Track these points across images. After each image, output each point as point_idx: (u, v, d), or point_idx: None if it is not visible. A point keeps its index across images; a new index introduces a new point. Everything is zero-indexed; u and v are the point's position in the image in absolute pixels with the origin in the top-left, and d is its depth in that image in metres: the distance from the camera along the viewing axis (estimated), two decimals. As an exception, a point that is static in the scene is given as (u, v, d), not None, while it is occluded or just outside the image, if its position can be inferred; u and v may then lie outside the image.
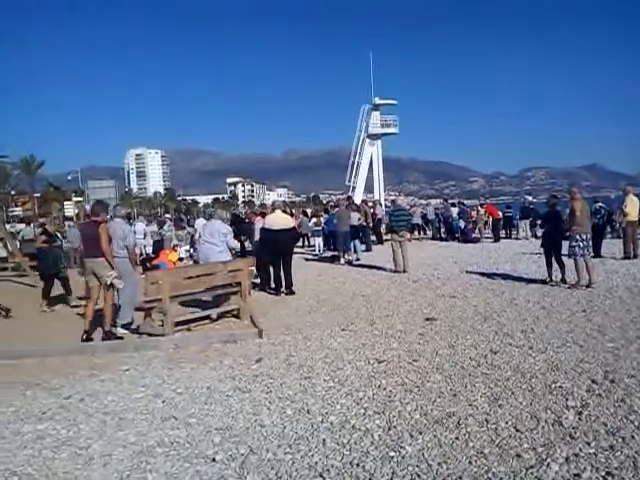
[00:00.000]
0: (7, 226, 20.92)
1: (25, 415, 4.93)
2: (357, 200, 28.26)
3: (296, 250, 14.46)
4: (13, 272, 16.97)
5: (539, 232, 18.76)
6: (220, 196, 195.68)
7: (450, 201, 27.73)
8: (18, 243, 17.88)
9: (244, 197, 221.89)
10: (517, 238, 22.64)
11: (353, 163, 41.90)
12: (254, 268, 9.02)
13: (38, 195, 72.26)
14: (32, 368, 6.54)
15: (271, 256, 11.04)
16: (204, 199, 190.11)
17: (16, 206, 66.15)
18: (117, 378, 5.95)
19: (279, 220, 11.01)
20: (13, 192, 65.60)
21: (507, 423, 4.20)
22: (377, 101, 42.08)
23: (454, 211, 23.70)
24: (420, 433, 4.10)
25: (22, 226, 25.52)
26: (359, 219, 18.07)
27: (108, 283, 7.50)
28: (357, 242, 17.32)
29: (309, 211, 31.45)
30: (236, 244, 9.26)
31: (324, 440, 4.07)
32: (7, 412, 5.02)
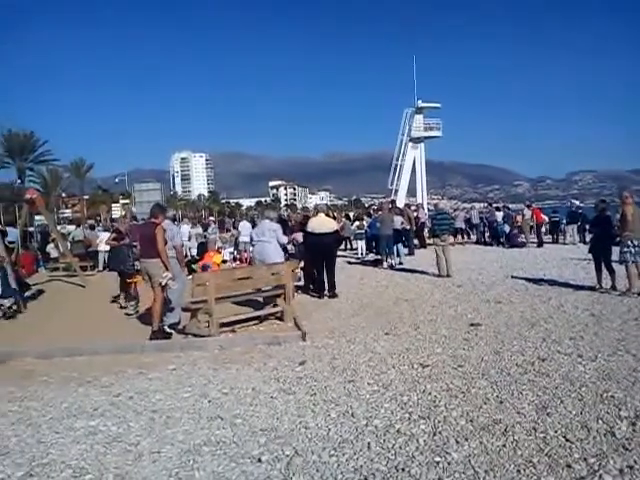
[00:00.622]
0: (58, 227, 21.60)
1: (77, 411, 5.08)
2: (400, 204, 28.13)
3: (338, 253, 14.47)
4: (64, 272, 17.49)
5: (588, 237, 18.30)
6: (263, 199, 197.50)
7: (495, 205, 27.28)
8: (69, 244, 18.40)
9: (286, 200, 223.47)
10: (564, 243, 22.14)
11: (395, 166, 41.76)
12: (298, 271, 9.07)
13: (87, 197, 74.48)
14: (83, 365, 6.73)
15: (314, 259, 11.09)
16: (247, 202, 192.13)
17: (66, 208, 68.27)
18: (164, 377, 6.08)
19: (322, 223, 11.04)
20: (64, 194, 67.62)
21: (556, 432, 4.12)
22: (420, 104, 41.85)
23: (499, 215, 23.32)
24: (466, 439, 4.05)
25: (72, 227, 26.27)
26: (402, 223, 17.97)
27: (162, 284, 7.68)
28: (400, 246, 17.22)
29: (351, 214, 31.46)
30: (286, 239, 9.38)
31: (369, 444, 4.07)
32: (61, 408, 5.18)
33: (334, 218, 15.97)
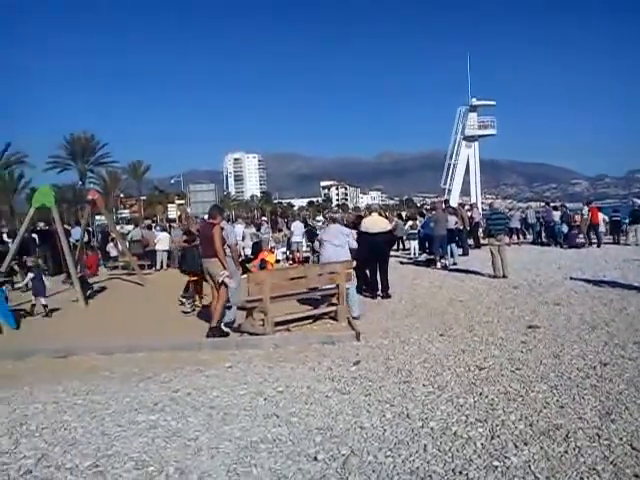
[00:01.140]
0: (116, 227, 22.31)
1: (139, 405, 5.24)
2: (453, 203, 27.75)
3: (391, 253, 14.38)
4: (123, 270, 18.04)
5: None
6: (314, 199, 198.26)
7: (552, 204, 26.53)
8: (127, 243, 18.94)
9: (338, 200, 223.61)
10: (626, 244, 21.34)
11: (449, 165, 41.23)
12: (352, 271, 9.06)
13: (144, 198, 76.49)
14: (143, 361, 6.94)
15: (367, 259, 11.06)
16: (299, 202, 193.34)
17: (124, 208, 70.26)
18: (221, 374, 6.19)
19: (376, 223, 11.01)
20: (122, 195, 69.65)
21: (621, 439, 3.98)
22: (474, 102, 41.16)
23: (556, 215, 22.67)
24: (525, 444, 3.97)
25: (129, 227, 27.03)
26: (456, 223, 17.72)
27: (220, 282, 7.84)
28: (454, 246, 16.98)
29: (404, 214, 31.23)
30: (356, 245, 9.35)
31: (425, 446, 4.04)
32: (123, 402, 5.35)
33: (386, 218, 15.90)
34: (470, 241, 20.88)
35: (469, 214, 21.80)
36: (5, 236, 21.43)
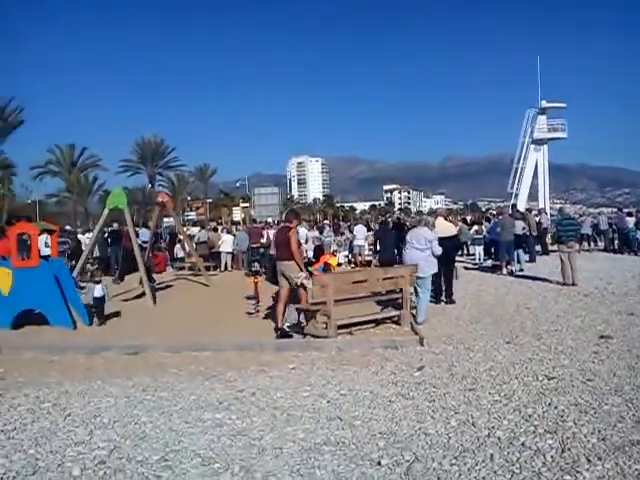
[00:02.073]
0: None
1: (205, 403, 5.36)
2: (520, 208, 27.03)
3: (456, 259, 14.14)
4: (189, 271, 18.50)
5: None
6: (377, 203, 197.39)
7: (626, 210, 25.43)
8: (194, 245, 19.42)
9: (400, 204, 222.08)
10: None
11: (516, 169, 40.22)
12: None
13: (210, 201, 78.27)
14: (208, 360, 7.09)
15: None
16: (361, 206, 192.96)
17: (191, 210, 72.08)
18: (284, 375, 6.26)
19: (441, 227, 10.84)
20: (189, 198, 71.52)
21: None
22: (544, 104, 39.96)
23: (630, 221, 21.71)
24: (599, 459, 3.81)
25: (195, 229, 27.68)
26: (523, 228, 17.26)
27: (298, 284, 7.97)
28: (521, 252, 16.56)
29: (469, 218, 30.67)
30: (440, 250, 9.28)
31: (491, 455, 3.95)
32: (190, 399, 5.49)
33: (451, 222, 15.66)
34: (538, 247, 20.29)
35: (537, 219, 21.20)
36: (80, 235, 22.45)
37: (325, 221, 35.82)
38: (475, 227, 21.01)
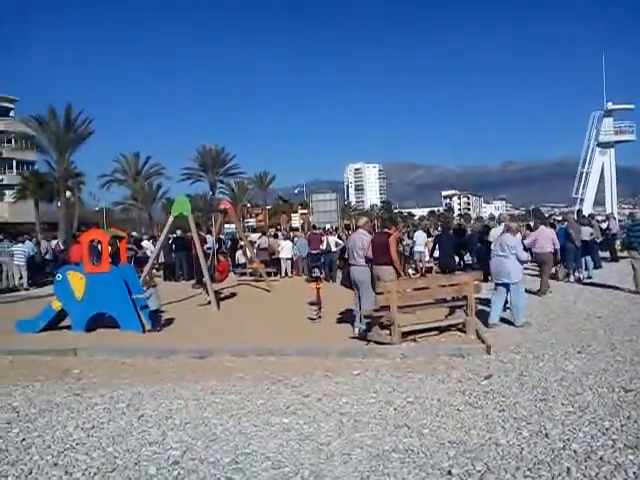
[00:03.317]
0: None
1: (272, 408, 5.43)
2: (585, 213, 26.14)
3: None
4: (251, 277, 18.78)
5: None
6: (435, 209, 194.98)
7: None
8: (255, 251, 19.69)
9: (460, 210, 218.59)
10: None
11: (581, 174, 39.02)
12: (480, 282, 8.81)
13: (269, 207, 79.26)
14: (273, 365, 7.17)
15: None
16: (419, 212, 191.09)
17: (250, 217, 73.21)
18: (349, 382, 6.25)
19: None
20: (248, 204, 72.63)
21: None
22: (610, 106, 38.64)
23: None
24: (684, 476, 3.64)
25: (255, 235, 28.02)
26: (591, 234, 16.65)
27: None
28: (589, 258, 15.97)
29: (532, 224, 29.89)
30: (526, 256, 9.17)
31: (568, 469, 3.82)
32: (257, 403, 5.57)
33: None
34: (604, 254, 19.53)
35: (605, 225, 20.44)
36: (145, 242, 23.14)
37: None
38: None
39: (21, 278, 18.60)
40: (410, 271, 18.15)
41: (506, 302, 10.18)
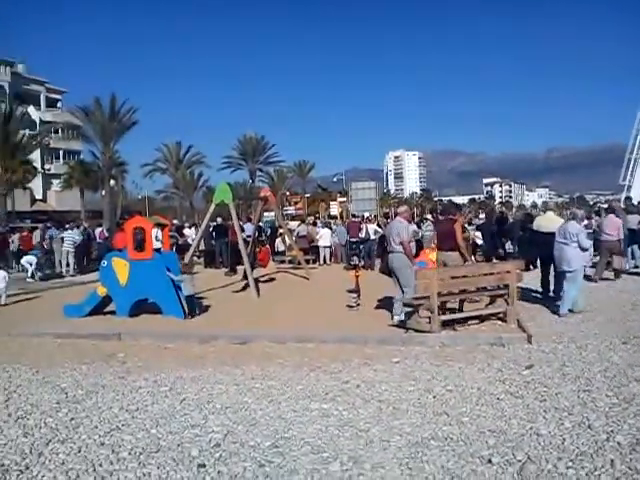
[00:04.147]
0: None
1: (311, 394, 5.48)
2: (635, 201, 25.36)
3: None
4: (289, 264, 18.89)
5: None
6: (476, 197, 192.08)
7: None
8: (294, 239, 19.79)
9: (501, 198, 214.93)
10: None
11: (629, 160, 37.80)
12: (521, 271, 8.66)
13: (308, 195, 79.38)
14: (312, 352, 7.22)
15: (541, 259, 10.52)
16: (460, 200, 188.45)
17: (289, 205, 73.54)
18: (388, 369, 6.26)
19: (550, 222, 10.40)
20: (287, 193, 72.90)
21: None
22: (662, 90, 37.17)
23: None
24: None
25: (294, 223, 28.14)
26: (639, 222, 16.15)
27: None
28: (635, 247, 15.51)
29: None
30: (589, 244, 9.03)
31: (612, 461, 3.75)
32: (296, 389, 5.63)
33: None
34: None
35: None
36: (187, 230, 23.51)
37: (428, 215, 35.09)
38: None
39: (68, 265, 19.12)
40: None
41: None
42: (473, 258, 9.27)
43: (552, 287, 10.45)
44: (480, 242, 16.99)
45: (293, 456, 4.05)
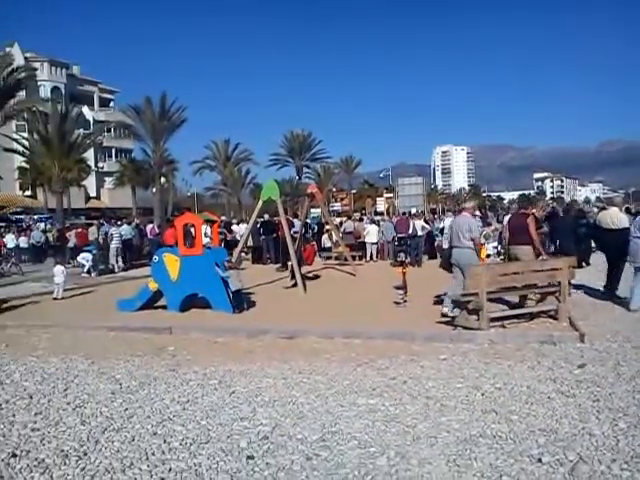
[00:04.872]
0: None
1: (358, 389, 5.49)
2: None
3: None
4: (336, 260, 18.94)
5: None
6: (526, 192, 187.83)
7: None
8: (341, 235, 19.83)
9: (552, 193, 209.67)
10: None
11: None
12: (574, 268, 8.45)
13: (354, 191, 79.31)
14: (359, 347, 7.23)
15: (606, 257, 10.26)
16: (509, 195, 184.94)
17: (335, 201, 73.61)
18: (435, 366, 6.21)
19: (615, 218, 10.01)
20: (334, 189, 73.01)
21: None
22: None
23: None
24: None
25: (339, 220, 28.14)
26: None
27: None
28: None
29: (632, 208, 28.23)
30: None
31: (669, 463, 3.65)
32: (343, 384, 5.66)
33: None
34: None
35: None
36: (235, 227, 23.84)
37: (476, 212, 34.49)
38: None
39: (117, 261, 19.58)
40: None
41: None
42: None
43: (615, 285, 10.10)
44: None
45: (340, 450, 4.08)
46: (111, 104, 64.77)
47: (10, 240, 24.55)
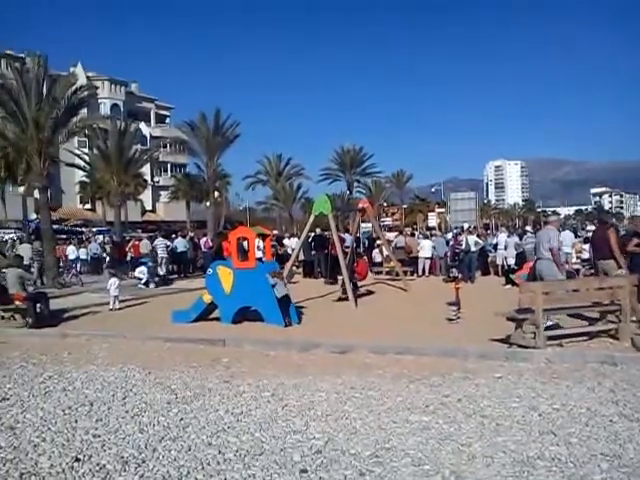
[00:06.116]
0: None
1: (410, 406, 5.43)
2: None
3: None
4: (387, 275, 18.86)
5: None
6: (583, 207, 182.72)
7: None
8: (392, 250, 19.74)
9: (611, 209, 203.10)
10: None
11: None
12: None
13: (405, 206, 78.90)
14: (411, 364, 7.15)
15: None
16: (565, 210, 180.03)
17: (386, 216, 73.40)
18: (490, 384, 6.09)
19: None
20: (385, 203, 72.80)
21: None
22: None
23: None
24: None
25: (390, 235, 27.98)
26: None
27: None
28: None
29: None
30: None
31: None
32: (396, 400, 5.61)
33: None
34: None
35: None
36: (287, 240, 24.06)
37: (527, 227, 33.83)
38: None
39: (162, 270, 19.91)
40: None
41: None
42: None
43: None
44: (587, 256, 16.18)
45: (394, 467, 4.04)
46: (167, 120, 66.74)
47: (71, 252, 25.50)
